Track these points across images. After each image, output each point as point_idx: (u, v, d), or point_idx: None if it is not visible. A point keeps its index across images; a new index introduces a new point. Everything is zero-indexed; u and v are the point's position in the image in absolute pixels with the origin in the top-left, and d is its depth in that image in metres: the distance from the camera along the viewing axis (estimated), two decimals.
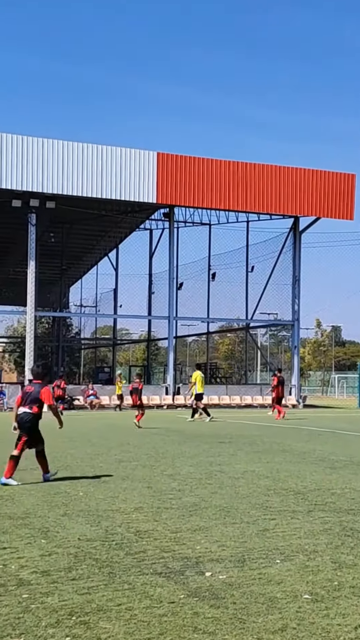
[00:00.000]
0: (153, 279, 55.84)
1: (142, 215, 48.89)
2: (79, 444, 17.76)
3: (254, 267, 50.49)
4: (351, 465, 13.70)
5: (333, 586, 5.69)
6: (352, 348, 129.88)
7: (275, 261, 48.13)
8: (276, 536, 7.40)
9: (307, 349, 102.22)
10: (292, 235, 46.73)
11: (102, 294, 62.26)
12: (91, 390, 40.47)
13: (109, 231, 52.01)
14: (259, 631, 4.66)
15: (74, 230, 49.77)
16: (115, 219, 47.97)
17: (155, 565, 6.24)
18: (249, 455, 15.24)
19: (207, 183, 41.51)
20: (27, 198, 38.97)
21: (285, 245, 47.33)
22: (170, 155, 41.13)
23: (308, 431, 23.22)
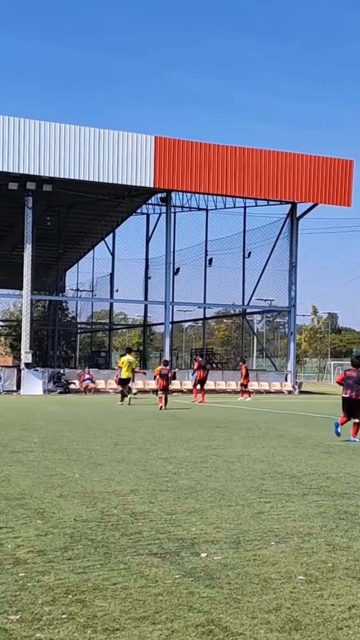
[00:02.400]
0: (150, 264, 55.79)
1: (139, 199, 48.78)
2: (75, 427, 17.80)
3: (250, 253, 50.48)
4: (346, 450, 13.77)
5: (327, 568, 5.74)
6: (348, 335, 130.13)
7: (272, 247, 48.12)
8: (271, 519, 7.45)
9: (303, 336, 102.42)
10: (289, 221, 46.69)
11: (98, 278, 62.23)
12: (87, 375, 40.52)
13: (106, 215, 51.89)
14: (253, 610, 4.71)
15: (70, 213, 49.64)
16: (112, 203, 47.85)
17: (151, 546, 6.28)
18: (245, 439, 15.31)
19: (204, 168, 41.40)
20: (23, 181, 38.84)
21: (282, 231, 47.29)
22: (168, 140, 40.99)
23: (304, 417, 23.31)
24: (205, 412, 24.59)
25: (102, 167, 39.54)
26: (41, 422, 19.11)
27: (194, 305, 53.12)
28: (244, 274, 50.51)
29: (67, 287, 68.66)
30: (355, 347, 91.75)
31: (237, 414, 23.76)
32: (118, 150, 39.78)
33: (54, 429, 17.22)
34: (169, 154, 40.66)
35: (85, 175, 39.36)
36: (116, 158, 39.77)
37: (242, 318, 57.39)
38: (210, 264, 52.12)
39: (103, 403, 29.36)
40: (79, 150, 39.13)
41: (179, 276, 50.86)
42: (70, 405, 27.74)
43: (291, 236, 46.44)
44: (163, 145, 40.60)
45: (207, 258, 52.39)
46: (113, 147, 39.72)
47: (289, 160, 43.07)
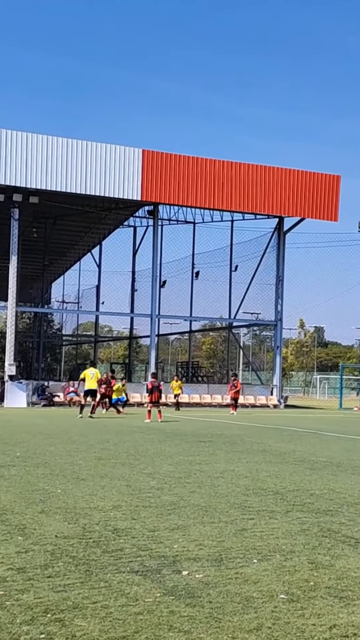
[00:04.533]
0: (136, 277, 55.80)
1: (126, 212, 48.85)
2: (59, 440, 17.73)
3: (237, 266, 50.62)
4: (331, 466, 13.77)
5: (309, 586, 5.73)
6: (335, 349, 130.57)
7: (259, 261, 48.26)
8: (254, 536, 7.43)
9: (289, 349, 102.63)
10: (277, 235, 46.87)
11: (84, 290, 62.21)
12: (72, 387, 40.37)
13: (93, 227, 51.92)
14: (234, 630, 4.68)
15: (57, 225, 49.63)
16: (98, 216, 47.89)
17: (132, 564, 6.25)
18: (229, 454, 15.29)
19: (192, 181, 41.54)
20: (10, 192, 38.83)
21: (270, 245, 47.46)
22: (156, 153, 41.12)
23: (289, 432, 23.31)
24: (189, 426, 24.55)
25: (89, 180, 39.58)
26: (24, 436, 19.02)
27: (180, 318, 53.18)
28: (231, 287, 50.64)
29: (52, 299, 68.59)
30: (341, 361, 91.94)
31: (221, 428, 23.74)
32: (105, 162, 39.87)
33: (37, 442, 17.14)
34: (157, 167, 40.78)
35: (72, 187, 39.40)
36: (103, 170, 39.85)
37: (229, 331, 57.48)
38: (197, 277, 52.21)
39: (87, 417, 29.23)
40: (66, 162, 39.18)
41: (165, 289, 50.90)
42: (54, 419, 27.63)
43: (278, 250, 46.60)
44: (151, 158, 40.72)
45: (194, 271, 52.48)
46: (100, 160, 39.80)
47: (277, 175, 43.29)
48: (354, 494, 10.35)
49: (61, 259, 60.74)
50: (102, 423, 25.06)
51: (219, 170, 42.14)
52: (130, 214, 49.66)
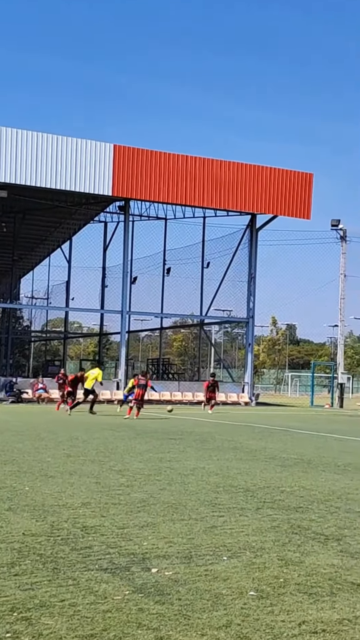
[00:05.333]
0: (107, 273, 55.63)
1: (97, 207, 48.67)
2: (27, 437, 17.63)
3: (209, 263, 50.68)
4: (301, 463, 13.85)
5: (279, 583, 5.75)
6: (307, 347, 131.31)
7: (231, 258, 48.36)
8: (224, 533, 7.44)
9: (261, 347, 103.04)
10: (249, 232, 46.98)
11: (54, 286, 61.90)
12: (40, 384, 40.16)
13: (63, 222, 51.66)
14: (203, 627, 4.69)
15: (26, 220, 49.32)
16: (69, 211, 47.65)
17: (101, 561, 6.23)
18: (199, 452, 15.31)
19: (163, 177, 41.48)
20: None
21: (242, 242, 47.57)
22: (127, 148, 41.01)
23: (260, 429, 23.41)
24: (160, 423, 24.54)
25: (59, 174, 39.35)
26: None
27: (151, 314, 53.12)
28: (203, 284, 50.70)
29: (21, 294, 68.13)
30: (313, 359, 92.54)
31: (192, 426, 23.77)
32: (76, 157, 39.66)
33: (5, 439, 17.02)
34: (128, 162, 40.66)
35: (42, 181, 39.14)
36: (74, 165, 39.64)
37: (200, 328, 57.55)
38: (168, 273, 52.20)
39: (56, 413, 29.12)
40: (36, 156, 38.91)
41: (136, 285, 50.81)
42: (22, 415, 27.48)
43: (250, 247, 46.73)
44: (122, 153, 40.60)
45: (165, 267, 52.46)
46: (71, 155, 39.58)
47: (249, 172, 43.38)
48: (324, 491, 10.42)
49: (30, 254, 60.37)
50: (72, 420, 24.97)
51: (191, 167, 42.13)
52: (101, 209, 49.48)
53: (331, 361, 69.44)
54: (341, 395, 49.78)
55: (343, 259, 50.61)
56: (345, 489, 10.78)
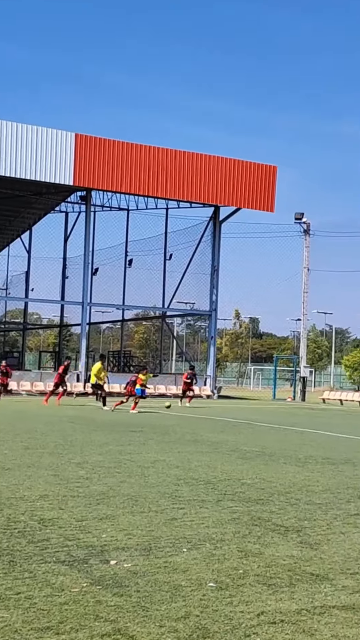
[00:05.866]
0: (67, 263, 55.32)
1: (58, 197, 48.36)
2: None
3: (172, 255, 50.66)
4: (262, 456, 13.93)
5: (238, 574, 5.77)
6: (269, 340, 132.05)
7: (194, 250, 48.40)
8: (184, 525, 7.45)
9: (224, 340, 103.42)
10: (212, 225, 47.06)
11: (13, 276, 61.36)
12: None
13: (22, 212, 51.25)
14: (161, 619, 4.68)
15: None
16: (28, 200, 47.26)
17: (59, 554, 6.19)
18: (160, 444, 15.31)
19: (126, 167, 41.32)
20: None
21: (205, 235, 47.64)
22: (89, 137, 40.77)
23: (222, 422, 23.50)
24: (121, 416, 24.50)
25: (19, 163, 38.99)
26: None
27: (113, 306, 52.98)
28: (165, 276, 50.68)
29: None
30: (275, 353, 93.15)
31: (153, 418, 23.77)
32: (37, 146, 39.32)
33: None
34: (90, 151, 40.43)
35: (0, 170, 38.73)
36: (34, 154, 39.30)
37: (162, 321, 57.55)
38: (130, 265, 52.06)
39: (15, 405, 28.90)
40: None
41: (97, 276, 50.61)
42: None
43: (213, 239, 46.82)
44: (84, 142, 40.36)
45: (127, 259, 52.31)
46: (31, 143, 39.23)
47: (213, 163, 43.41)
48: (285, 483, 10.50)
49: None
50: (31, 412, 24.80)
51: (154, 157, 42.03)
52: (62, 199, 49.17)
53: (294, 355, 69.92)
54: (303, 389, 50.20)
55: (306, 253, 50.98)
56: (306, 481, 10.87)
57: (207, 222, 47.51)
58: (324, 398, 48.95)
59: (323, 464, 13.14)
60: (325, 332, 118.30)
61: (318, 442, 17.56)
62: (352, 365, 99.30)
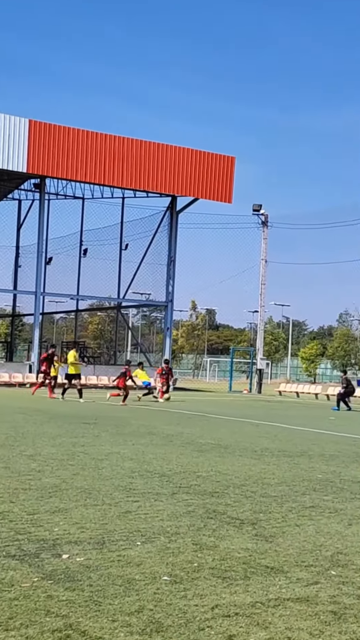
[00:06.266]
0: (20, 252, 54.80)
1: (11, 184, 47.84)
2: None
3: (128, 245, 50.50)
4: (218, 448, 13.97)
5: (193, 567, 5.77)
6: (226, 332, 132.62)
7: (150, 240, 48.30)
8: (138, 518, 7.43)
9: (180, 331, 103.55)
10: (169, 215, 47.00)
11: None
12: None
13: None
14: (114, 613, 4.66)
15: None
16: None
17: (9, 548, 6.12)
18: (114, 437, 15.26)
19: (81, 155, 41.01)
20: None
21: (162, 225, 47.56)
22: (43, 124, 40.37)
23: (177, 414, 23.52)
24: (74, 407, 24.37)
25: None
26: None
27: (67, 296, 52.63)
28: (121, 266, 50.49)
29: None
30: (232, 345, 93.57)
31: (107, 410, 23.70)
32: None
33: None
34: (45, 138, 40.04)
35: None
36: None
37: (117, 311, 57.38)
38: (85, 254, 51.76)
39: None
40: None
41: (51, 266, 50.25)
42: None
43: (170, 230, 46.77)
44: (38, 129, 39.95)
45: (82, 248, 51.99)
46: None
47: (170, 153, 43.33)
48: (241, 476, 10.54)
49: None
50: None
51: (110, 145, 41.79)
52: (15, 186, 48.67)
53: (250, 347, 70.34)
54: (260, 381, 50.54)
55: (264, 244, 51.25)
56: (262, 473, 10.93)
57: (164, 212, 47.44)
58: (280, 390, 49.34)
59: (279, 456, 13.22)
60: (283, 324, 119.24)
61: (274, 435, 17.68)
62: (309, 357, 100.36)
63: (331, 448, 15.19)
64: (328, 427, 21.45)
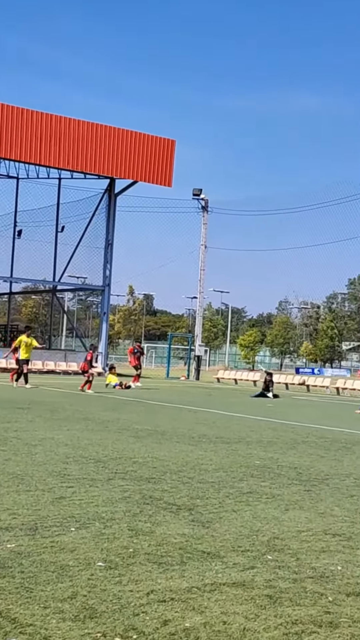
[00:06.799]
0: None
1: None
2: None
3: (64, 227, 49.99)
4: (155, 434, 13.98)
5: (128, 553, 5.76)
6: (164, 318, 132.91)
7: (87, 223, 47.91)
8: (72, 504, 7.38)
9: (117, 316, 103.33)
10: (107, 197, 46.69)
11: None
12: None
13: None
14: (46, 599, 4.61)
15: None
16: None
17: None
18: (49, 422, 15.14)
19: (15, 133, 40.29)
20: None
21: (99, 207, 47.21)
22: None
23: (113, 400, 23.47)
24: (5, 392, 24.10)
25: None
26: None
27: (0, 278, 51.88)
28: (56, 248, 49.95)
29: None
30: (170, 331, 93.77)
31: (41, 395, 23.49)
32: None
33: None
34: None
35: None
36: None
37: (52, 295, 56.86)
38: (19, 235, 51.08)
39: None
40: None
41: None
42: None
43: (108, 212, 46.46)
44: None
45: (17, 229, 51.29)
46: None
47: (109, 134, 42.94)
48: (178, 462, 10.56)
49: None
50: None
51: (46, 124, 41.17)
52: None
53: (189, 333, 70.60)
54: (198, 368, 50.75)
55: (204, 230, 51.35)
56: (199, 459, 10.98)
57: (102, 195, 47.09)
58: (218, 377, 49.65)
59: (216, 442, 13.30)
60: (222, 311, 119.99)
61: (212, 422, 17.78)
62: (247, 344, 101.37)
63: (269, 435, 15.35)
64: (266, 414, 21.68)
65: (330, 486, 9.39)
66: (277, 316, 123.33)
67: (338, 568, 5.72)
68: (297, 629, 4.38)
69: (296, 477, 9.94)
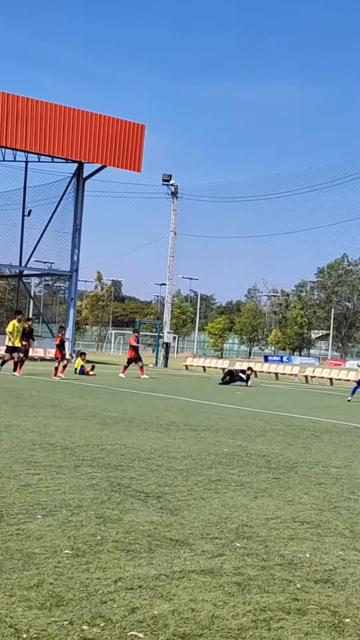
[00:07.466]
0: None
1: None
2: None
3: (31, 211, 49.65)
4: (123, 421, 13.97)
5: (95, 541, 5.74)
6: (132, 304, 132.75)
7: (55, 207, 47.61)
8: (39, 491, 7.34)
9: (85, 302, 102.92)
10: (75, 181, 46.41)
11: None
12: None
13: None
14: (12, 588, 4.58)
15: None
16: None
17: None
18: (15, 408, 15.05)
19: None
20: None
21: (67, 191, 46.92)
22: None
23: (80, 386, 23.40)
24: None
25: None
26: None
27: None
28: (23, 233, 49.63)
29: None
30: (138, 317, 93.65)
31: (6, 382, 23.35)
32: None
33: None
34: None
35: None
36: None
37: (18, 280, 56.49)
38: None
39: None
40: None
41: None
42: None
43: (76, 197, 46.22)
44: None
45: None
46: None
47: (77, 117, 42.66)
48: (146, 450, 10.56)
49: None
50: None
51: (12, 106, 40.79)
52: None
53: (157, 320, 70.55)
54: (166, 355, 50.79)
55: (174, 216, 51.28)
56: (167, 447, 10.98)
57: (70, 179, 46.81)
58: (186, 364, 49.71)
59: (185, 430, 13.32)
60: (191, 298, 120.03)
61: (180, 409, 17.80)
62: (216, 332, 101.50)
63: (238, 422, 15.41)
64: (235, 401, 21.76)
65: (299, 474, 9.45)
66: (246, 304, 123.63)
67: (306, 555, 5.76)
68: (266, 616, 4.40)
69: (265, 464, 9.99)
